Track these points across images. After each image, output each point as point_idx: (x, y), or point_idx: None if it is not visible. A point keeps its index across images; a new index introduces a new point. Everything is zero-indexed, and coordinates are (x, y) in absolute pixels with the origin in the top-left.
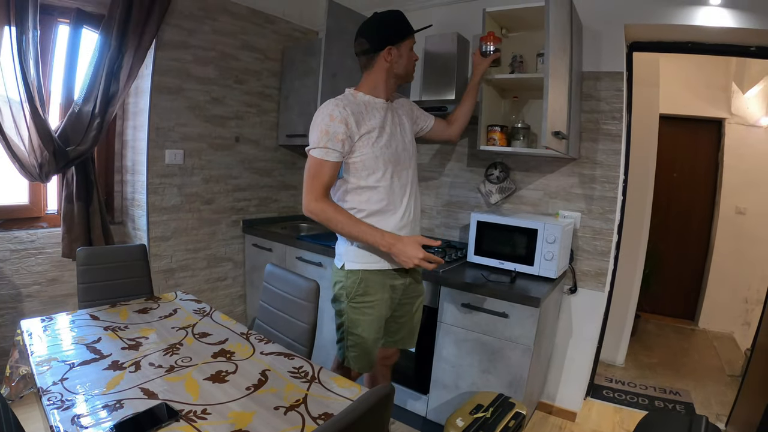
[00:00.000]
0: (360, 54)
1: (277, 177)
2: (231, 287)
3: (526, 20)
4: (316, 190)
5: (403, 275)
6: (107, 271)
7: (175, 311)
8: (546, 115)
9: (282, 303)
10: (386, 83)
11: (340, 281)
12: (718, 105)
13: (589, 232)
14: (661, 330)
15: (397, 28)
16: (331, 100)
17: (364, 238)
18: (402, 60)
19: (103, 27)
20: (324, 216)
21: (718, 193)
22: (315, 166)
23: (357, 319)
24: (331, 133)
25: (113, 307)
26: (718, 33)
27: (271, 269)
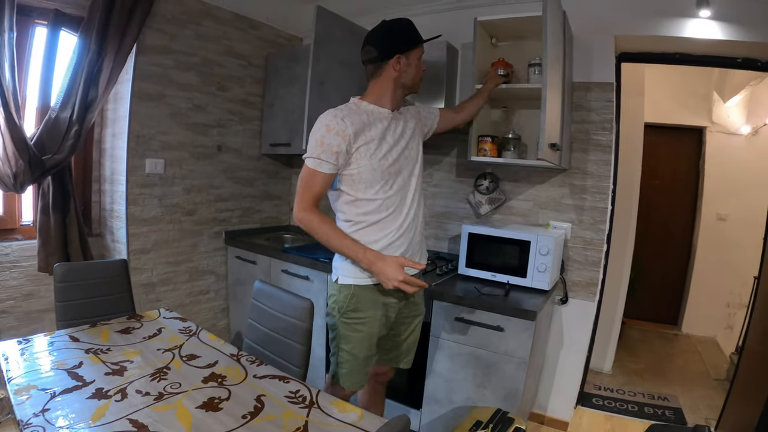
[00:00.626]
0: (367, 62)
1: (260, 187)
2: (213, 300)
3: (516, 30)
4: (305, 199)
5: (398, 293)
6: (87, 288)
7: (160, 331)
8: (544, 128)
9: (273, 322)
10: (393, 93)
11: (334, 295)
12: (699, 114)
13: (580, 243)
14: (645, 336)
15: (406, 36)
16: (331, 110)
17: (345, 252)
18: (410, 69)
19: (82, 29)
20: (309, 226)
21: (699, 200)
22: (308, 175)
23: (348, 335)
24: (326, 144)
25: (93, 327)
26: (706, 45)
27: (261, 286)
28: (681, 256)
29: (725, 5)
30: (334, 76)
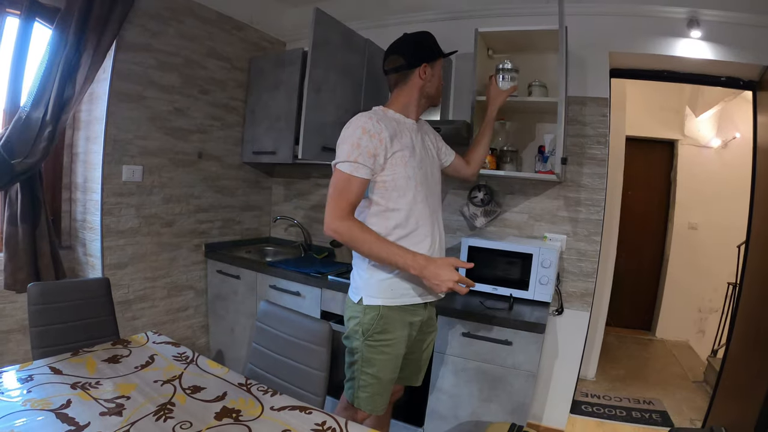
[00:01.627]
0: (391, 71)
1: (240, 197)
2: (193, 317)
3: (514, 42)
4: (341, 207)
5: (422, 310)
6: (65, 311)
7: (152, 358)
8: (560, 143)
9: (285, 347)
10: (418, 102)
11: (356, 317)
12: (672, 127)
13: (575, 254)
14: (621, 342)
15: (431, 47)
16: (362, 113)
17: (393, 259)
18: (434, 80)
19: (59, 21)
20: (349, 235)
21: (671, 210)
22: (342, 181)
23: (373, 358)
24: (363, 147)
25: (76, 355)
26: (694, 63)
27: (268, 308)
28: (654, 264)
29: (715, 27)
30: (330, 83)
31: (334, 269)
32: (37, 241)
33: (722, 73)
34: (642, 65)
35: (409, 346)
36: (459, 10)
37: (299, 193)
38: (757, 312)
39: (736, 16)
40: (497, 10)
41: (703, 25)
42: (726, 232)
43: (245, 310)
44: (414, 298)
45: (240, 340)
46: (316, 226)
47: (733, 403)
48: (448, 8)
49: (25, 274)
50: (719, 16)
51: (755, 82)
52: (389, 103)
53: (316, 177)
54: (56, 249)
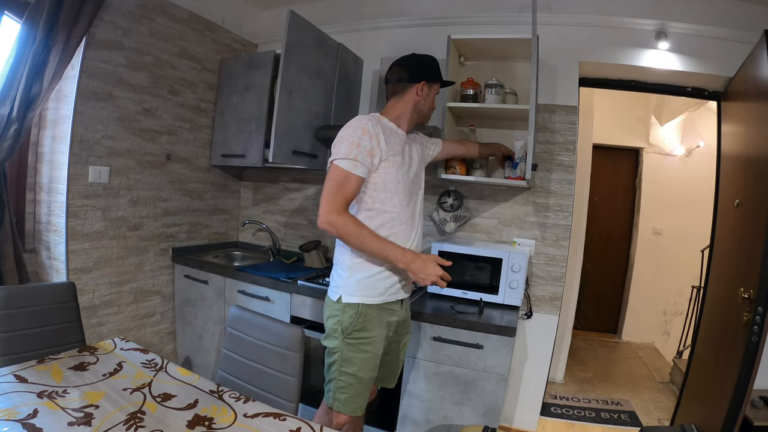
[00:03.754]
0: (393, 81)
1: (208, 200)
2: (159, 323)
3: (485, 50)
4: (338, 202)
5: (399, 309)
6: (31, 317)
7: (120, 366)
8: (531, 149)
9: (257, 353)
10: (410, 116)
11: (335, 315)
12: (637, 135)
13: (543, 259)
14: (589, 344)
15: (433, 70)
16: (361, 116)
17: (384, 253)
18: (428, 100)
19: (28, 15)
20: (345, 229)
21: (636, 215)
22: (340, 177)
23: (352, 357)
24: (363, 146)
25: (41, 363)
26: (661, 74)
27: (239, 313)
28: (620, 269)
29: (682, 39)
30: (302, 86)
31: (303, 274)
32: (0, 245)
33: (688, 83)
34: (611, 75)
35: (386, 346)
36: (432, 17)
37: (268, 197)
38: (721, 314)
39: (703, 29)
40: (469, 18)
41: (671, 37)
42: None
43: (213, 315)
44: (392, 296)
45: (208, 346)
46: (285, 231)
47: (700, 402)
48: (421, 15)
49: None
50: (686, 28)
51: (719, 93)
52: (385, 112)
53: (285, 181)
54: (20, 252)
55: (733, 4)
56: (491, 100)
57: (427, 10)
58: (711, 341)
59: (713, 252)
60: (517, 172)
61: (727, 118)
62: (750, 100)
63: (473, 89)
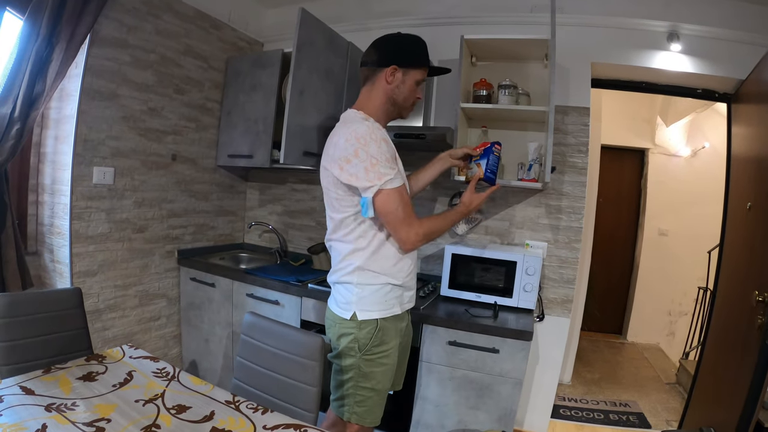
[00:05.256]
0: (364, 64)
1: (214, 201)
2: (165, 327)
3: (498, 50)
4: (410, 217)
5: (407, 315)
6: (36, 324)
7: (131, 375)
8: (550, 151)
9: (274, 362)
10: (385, 108)
11: (350, 333)
12: (642, 136)
13: (556, 261)
14: (594, 346)
15: (412, 52)
16: (360, 124)
17: (455, 220)
18: (403, 88)
19: (30, 11)
20: (431, 233)
21: (641, 216)
22: (399, 196)
23: (371, 372)
24: (392, 156)
25: (48, 373)
26: (673, 76)
27: (254, 320)
28: (625, 269)
29: (694, 41)
30: (313, 87)
31: (313, 277)
32: (2, 248)
33: (699, 85)
34: (622, 76)
35: None
36: (443, 17)
37: (275, 198)
38: (733, 317)
39: (715, 31)
40: (480, 18)
41: (683, 38)
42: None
43: (221, 319)
44: (404, 305)
45: (215, 350)
46: (292, 232)
47: (711, 405)
48: (431, 14)
49: None
50: (698, 30)
51: (730, 95)
52: (361, 105)
53: (292, 182)
54: (23, 257)
55: (746, 6)
56: (505, 101)
57: (437, 10)
58: (721, 343)
59: (723, 254)
60: (531, 174)
61: (737, 120)
62: (764, 103)
63: (486, 90)
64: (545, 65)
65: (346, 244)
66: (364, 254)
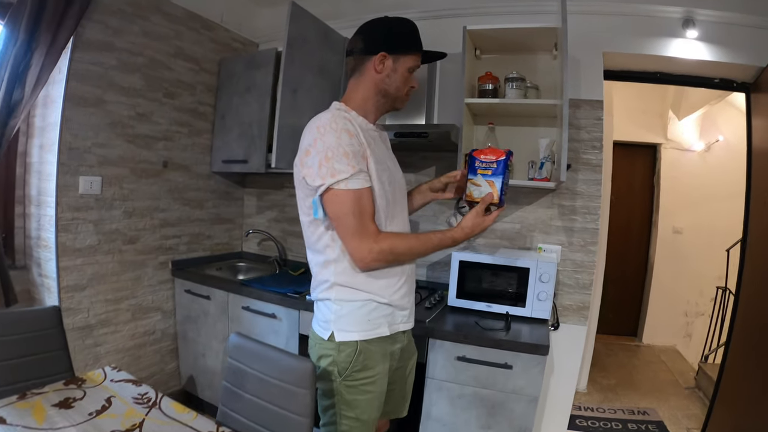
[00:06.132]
0: (350, 53)
1: (210, 209)
2: (161, 341)
3: (503, 42)
4: (370, 229)
5: (401, 336)
6: (10, 346)
7: (110, 402)
8: (565, 147)
9: (262, 388)
10: (375, 101)
11: (329, 355)
12: (654, 131)
13: (571, 266)
14: (609, 349)
15: (401, 37)
16: (326, 114)
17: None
18: (395, 77)
19: (10, 16)
20: (393, 253)
21: (655, 214)
22: (354, 200)
23: (354, 400)
24: (357, 152)
25: (23, 398)
26: (688, 65)
27: (240, 342)
28: (639, 269)
29: (710, 27)
30: (306, 85)
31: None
32: None
33: (716, 74)
34: (635, 66)
35: (391, 376)
36: (444, 8)
37: (273, 204)
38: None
39: (732, 17)
40: (483, 9)
41: (699, 25)
42: (711, 235)
43: (217, 333)
44: (394, 326)
45: (212, 365)
46: (291, 240)
47: (736, 412)
48: (432, 6)
49: None
50: (715, 16)
51: (749, 84)
52: (347, 98)
53: (289, 187)
54: (6, 271)
55: None
56: (512, 95)
57: (438, 1)
58: (747, 346)
59: (746, 251)
60: (543, 173)
61: (758, 110)
62: None
63: (492, 84)
64: (554, 56)
65: (317, 254)
66: (337, 267)
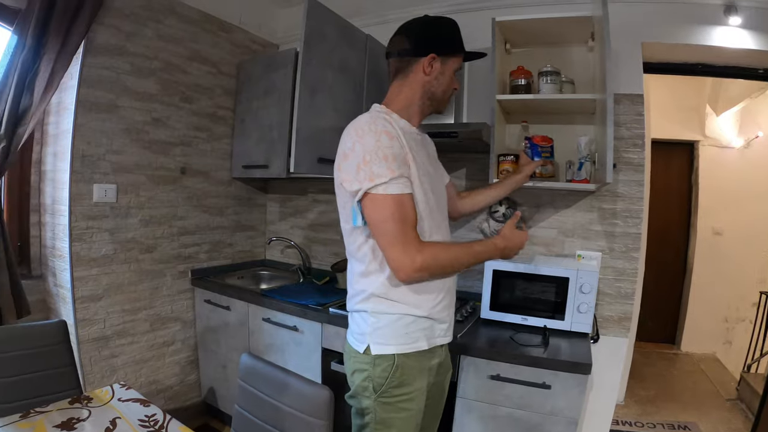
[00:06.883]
0: (394, 54)
1: (231, 216)
2: (180, 352)
3: (535, 34)
4: (411, 238)
5: (440, 350)
6: (16, 362)
7: (114, 424)
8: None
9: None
10: (421, 104)
11: (364, 369)
12: (691, 127)
13: (611, 273)
14: (647, 358)
15: (450, 37)
16: (365, 116)
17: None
18: (443, 79)
19: (18, 22)
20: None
21: (693, 215)
22: (394, 206)
23: (390, 419)
24: (398, 155)
25: (25, 417)
26: (731, 54)
27: (251, 363)
28: (677, 273)
29: (754, 14)
30: (326, 84)
31: (336, 299)
32: None
33: (760, 64)
34: (674, 58)
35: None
36: (470, 1)
37: (296, 210)
38: None
39: None
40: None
41: (741, 11)
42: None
43: (237, 345)
44: (433, 340)
45: (232, 378)
46: (316, 247)
47: None
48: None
49: None
50: (758, 1)
51: None
52: (389, 101)
53: (313, 192)
54: (18, 282)
55: None
56: (547, 90)
57: None
58: None
59: None
60: (582, 174)
61: None
62: None
63: (525, 78)
64: (590, 48)
65: (357, 263)
66: (377, 279)
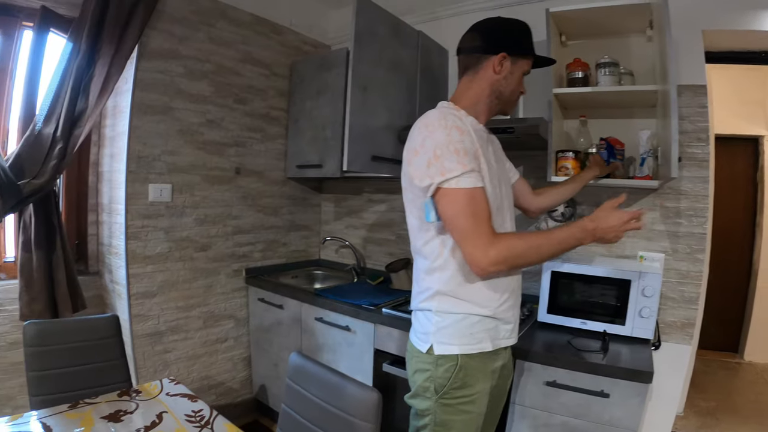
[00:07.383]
0: (465, 51)
1: (285, 216)
2: (233, 349)
3: (591, 25)
4: (485, 230)
5: (504, 352)
6: (67, 354)
7: (160, 417)
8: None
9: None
10: (488, 102)
11: (426, 369)
12: (754, 122)
13: (675, 276)
14: (707, 366)
15: (520, 39)
16: (434, 112)
17: (568, 244)
18: (512, 80)
19: (72, 29)
20: (514, 255)
21: (759, 215)
22: (466, 200)
23: (450, 421)
24: (469, 149)
25: (74, 407)
26: None
27: (300, 362)
28: (741, 276)
29: None
30: (378, 82)
31: (389, 299)
32: (53, 269)
33: None
34: (736, 46)
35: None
36: None
37: (351, 210)
38: None
39: None
40: None
41: None
42: None
43: (289, 344)
44: (497, 341)
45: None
46: (370, 247)
47: None
48: None
49: (42, 305)
50: None
51: None
52: (456, 97)
53: (368, 192)
54: (75, 278)
55: None
56: (606, 82)
57: None
58: None
59: None
60: (644, 170)
61: None
62: None
63: (582, 71)
64: (648, 37)
65: (424, 260)
66: (443, 275)
